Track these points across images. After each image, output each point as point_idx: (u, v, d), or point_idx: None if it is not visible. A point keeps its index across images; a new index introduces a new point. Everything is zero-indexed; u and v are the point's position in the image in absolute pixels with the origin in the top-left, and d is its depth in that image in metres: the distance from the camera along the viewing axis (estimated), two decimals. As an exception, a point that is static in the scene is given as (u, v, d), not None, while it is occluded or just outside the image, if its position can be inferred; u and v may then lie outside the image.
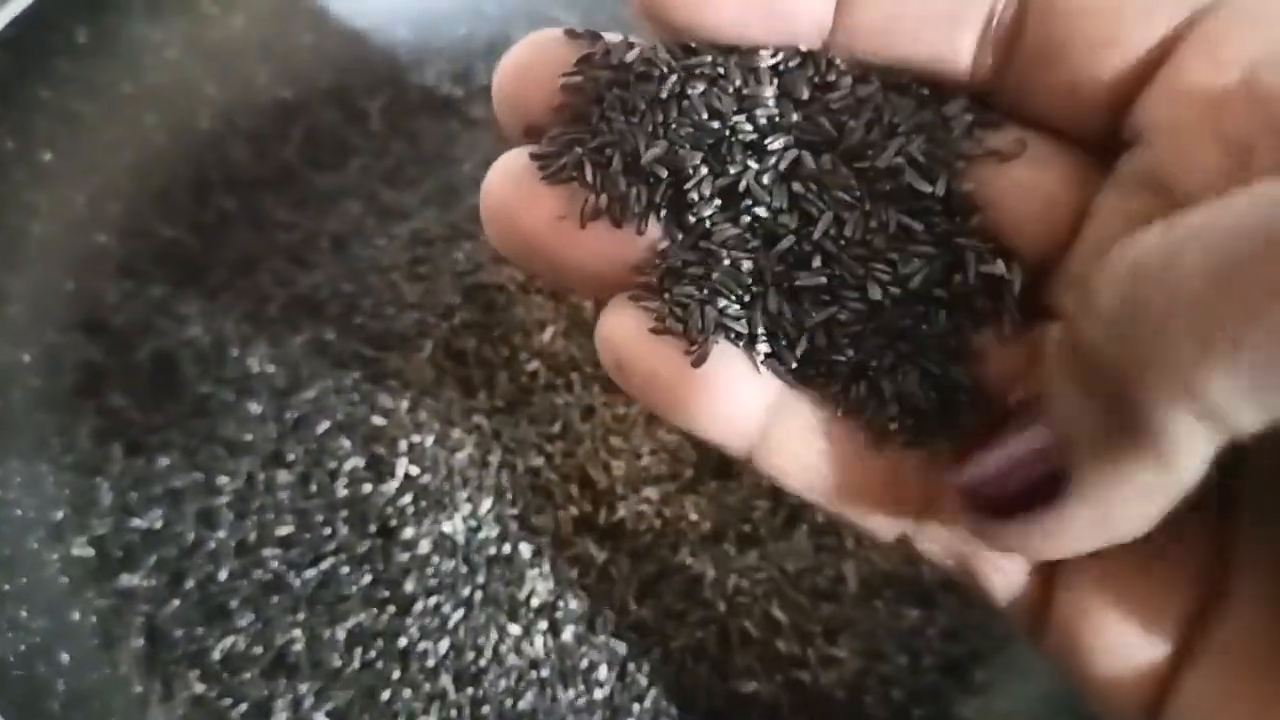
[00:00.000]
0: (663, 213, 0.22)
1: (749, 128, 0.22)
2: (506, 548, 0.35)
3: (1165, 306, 0.15)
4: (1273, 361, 0.14)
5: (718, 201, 0.22)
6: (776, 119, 0.22)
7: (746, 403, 0.21)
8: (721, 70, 0.22)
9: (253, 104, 0.45)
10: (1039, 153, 0.21)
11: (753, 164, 0.22)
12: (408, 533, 0.35)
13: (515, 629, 0.34)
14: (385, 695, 0.33)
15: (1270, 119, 0.17)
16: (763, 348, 0.22)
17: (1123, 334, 0.16)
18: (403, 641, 0.34)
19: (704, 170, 0.21)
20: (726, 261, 0.21)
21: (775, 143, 0.22)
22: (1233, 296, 0.14)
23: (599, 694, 0.33)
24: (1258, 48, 0.18)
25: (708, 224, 0.22)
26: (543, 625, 0.34)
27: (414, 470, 0.36)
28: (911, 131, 0.22)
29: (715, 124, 0.22)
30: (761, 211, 0.22)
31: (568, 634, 0.34)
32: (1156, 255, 0.16)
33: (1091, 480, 0.17)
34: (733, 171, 0.21)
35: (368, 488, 0.35)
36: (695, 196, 0.21)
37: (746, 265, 0.21)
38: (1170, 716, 0.19)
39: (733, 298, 0.21)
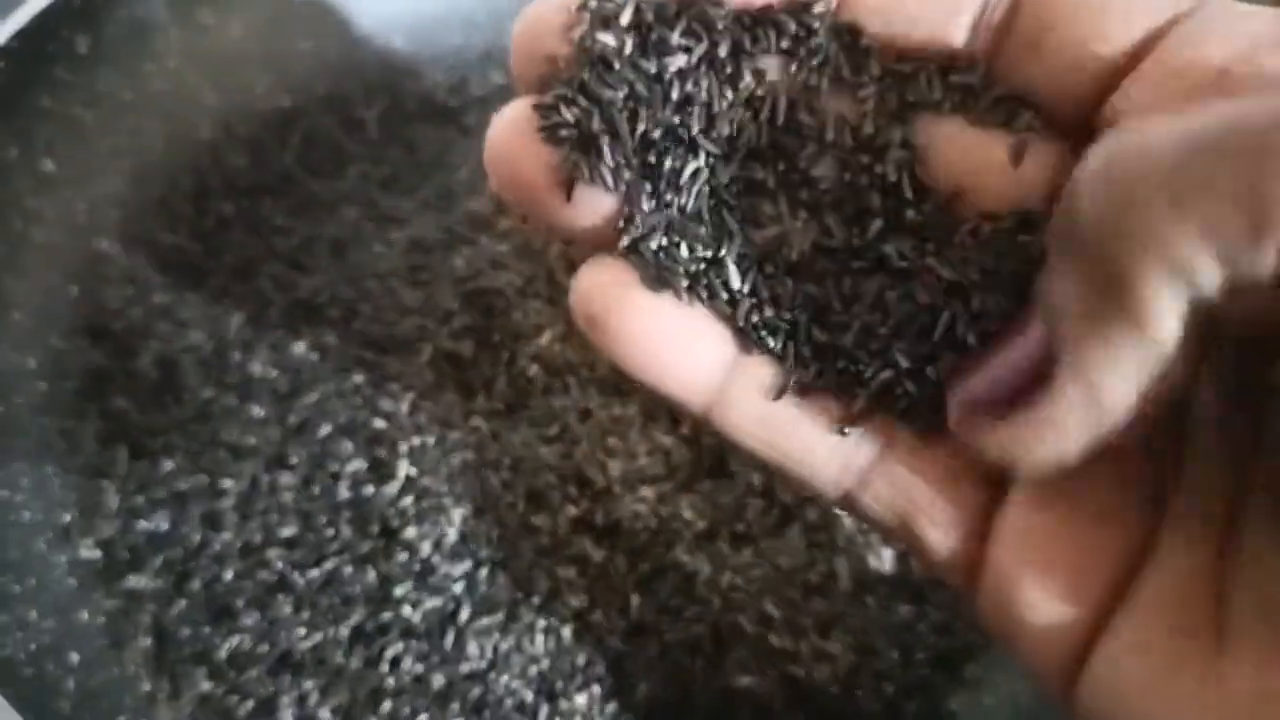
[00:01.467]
0: (643, 180, 0.22)
1: (731, 100, 0.22)
2: (507, 548, 0.35)
3: (1140, 176, 0.16)
4: (1224, 216, 0.15)
5: (696, 167, 0.22)
6: (766, 95, 0.22)
7: (706, 360, 0.22)
8: (719, 40, 0.22)
9: (251, 112, 0.45)
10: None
11: (733, 134, 0.22)
12: (409, 533, 0.35)
13: (516, 627, 0.34)
14: (388, 692, 0.34)
15: None
16: (741, 310, 0.22)
17: (1103, 210, 0.17)
18: (405, 640, 0.34)
19: (685, 139, 0.22)
20: (700, 226, 0.22)
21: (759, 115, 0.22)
22: (1196, 160, 0.16)
23: (598, 690, 0.34)
24: (1231, 46, 0.19)
25: (683, 190, 0.22)
26: (542, 623, 0.35)
27: (414, 472, 0.36)
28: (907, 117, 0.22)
29: (702, 96, 0.22)
30: (732, 185, 0.22)
31: (567, 631, 0.34)
32: (1133, 140, 0.17)
33: (1079, 356, 0.18)
34: (713, 142, 0.22)
35: (369, 489, 0.36)
36: (672, 165, 0.22)
37: (717, 227, 0.22)
38: (1088, 677, 0.19)
39: (700, 256, 0.22)
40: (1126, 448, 0.19)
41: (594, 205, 0.22)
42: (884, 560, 0.37)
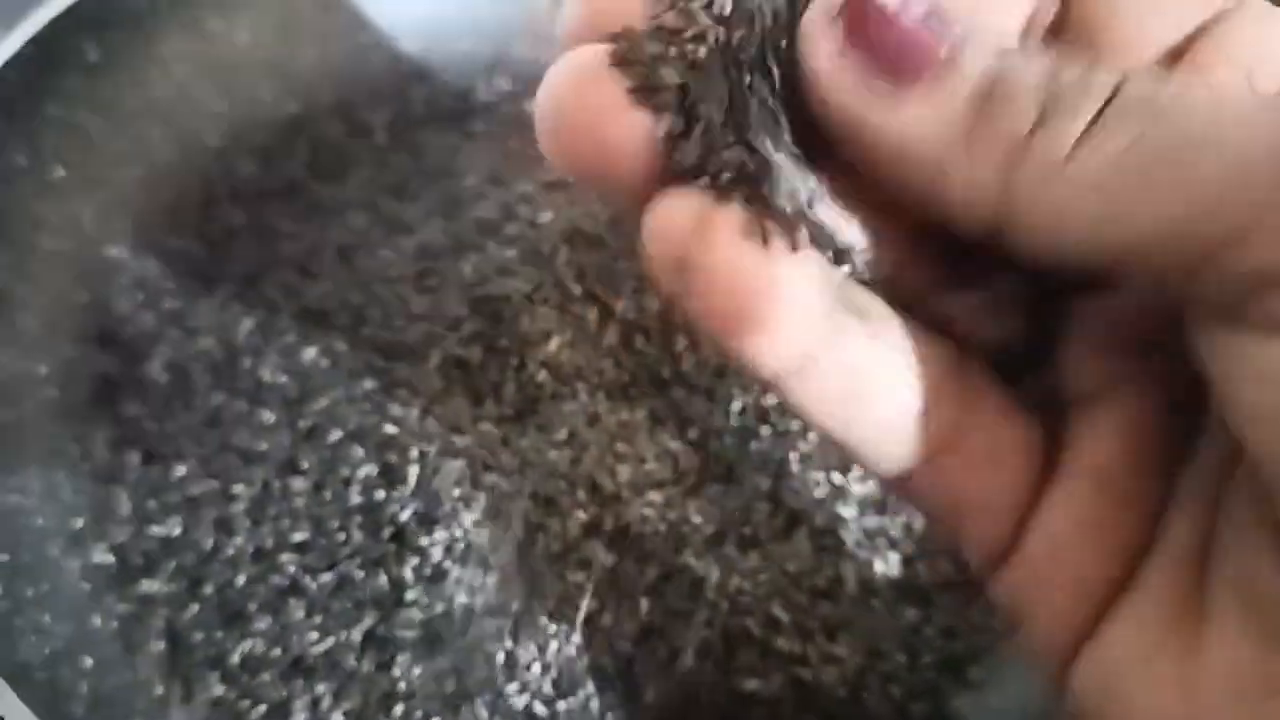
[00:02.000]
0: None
1: None
2: (517, 552, 0.36)
3: None
4: None
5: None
6: None
7: (808, 317, 0.20)
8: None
9: (258, 119, 0.45)
10: None
11: None
12: (420, 538, 0.36)
13: (527, 631, 0.35)
14: (400, 696, 0.34)
15: None
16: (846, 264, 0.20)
17: None
18: (417, 644, 0.35)
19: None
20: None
21: None
22: None
23: (608, 692, 0.34)
24: (1262, 46, 0.19)
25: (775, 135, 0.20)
26: (553, 627, 0.35)
27: (425, 477, 0.37)
28: None
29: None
30: None
31: (578, 635, 0.35)
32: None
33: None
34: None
35: (380, 494, 0.36)
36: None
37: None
38: (1080, 661, 0.20)
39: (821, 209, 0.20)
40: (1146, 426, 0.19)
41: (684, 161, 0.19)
42: (890, 564, 0.37)
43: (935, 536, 0.38)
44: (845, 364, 0.20)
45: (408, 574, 0.35)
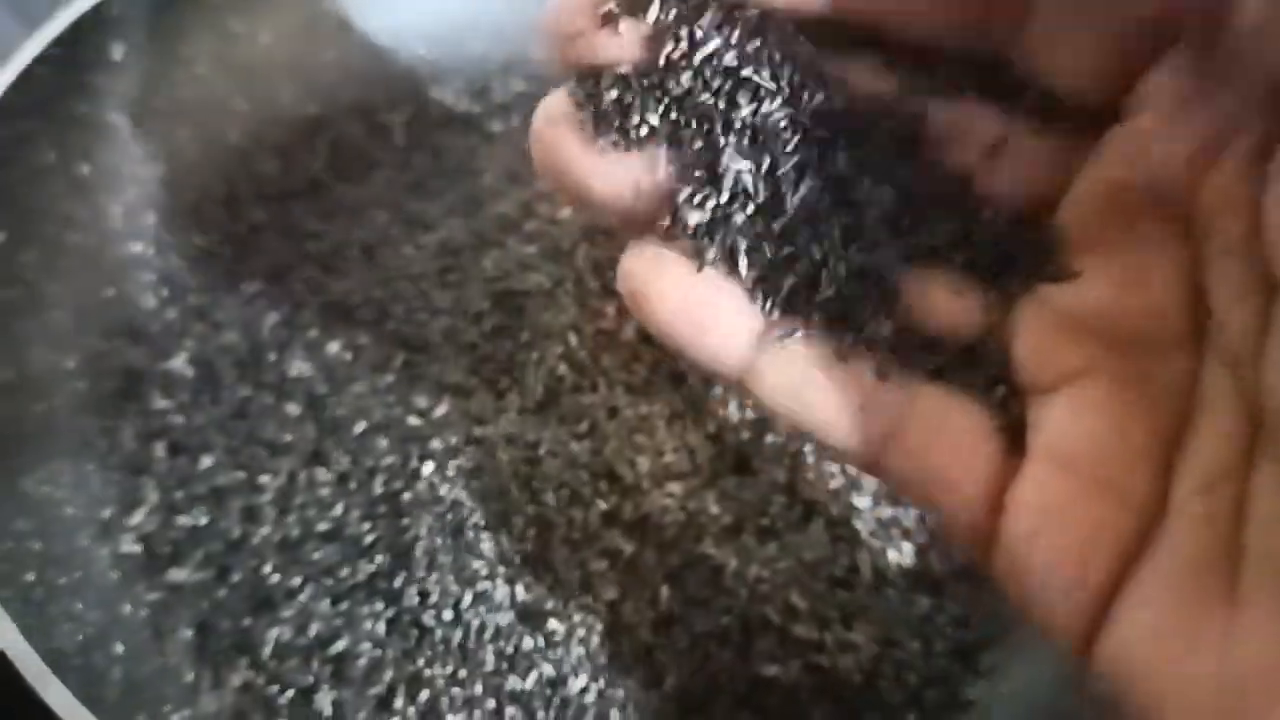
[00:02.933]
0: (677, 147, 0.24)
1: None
2: (539, 541, 0.36)
3: None
4: None
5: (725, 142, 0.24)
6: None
7: (738, 331, 0.24)
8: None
9: (280, 119, 0.46)
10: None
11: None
12: (445, 528, 0.36)
13: (549, 618, 0.35)
14: (424, 682, 0.35)
15: None
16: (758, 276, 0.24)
17: None
18: (441, 630, 0.35)
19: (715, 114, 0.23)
20: (737, 201, 0.24)
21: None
22: None
23: (630, 679, 0.35)
24: None
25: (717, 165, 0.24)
26: (575, 615, 0.36)
27: (448, 468, 0.37)
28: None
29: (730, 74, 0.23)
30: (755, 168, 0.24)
31: (600, 623, 0.35)
32: None
33: None
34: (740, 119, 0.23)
35: (403, 485, 0.37)
36: (700, 136, 0.24)
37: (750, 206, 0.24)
38: (1104, 638, 0.20)
39: (741, 234, 0.24)
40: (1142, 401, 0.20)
41: (625, 172, 0.24)
42: (904, 554, 0.38)
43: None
44: (785, 371, 0.24)
45: (430, 563, 0.36)
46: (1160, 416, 0.21)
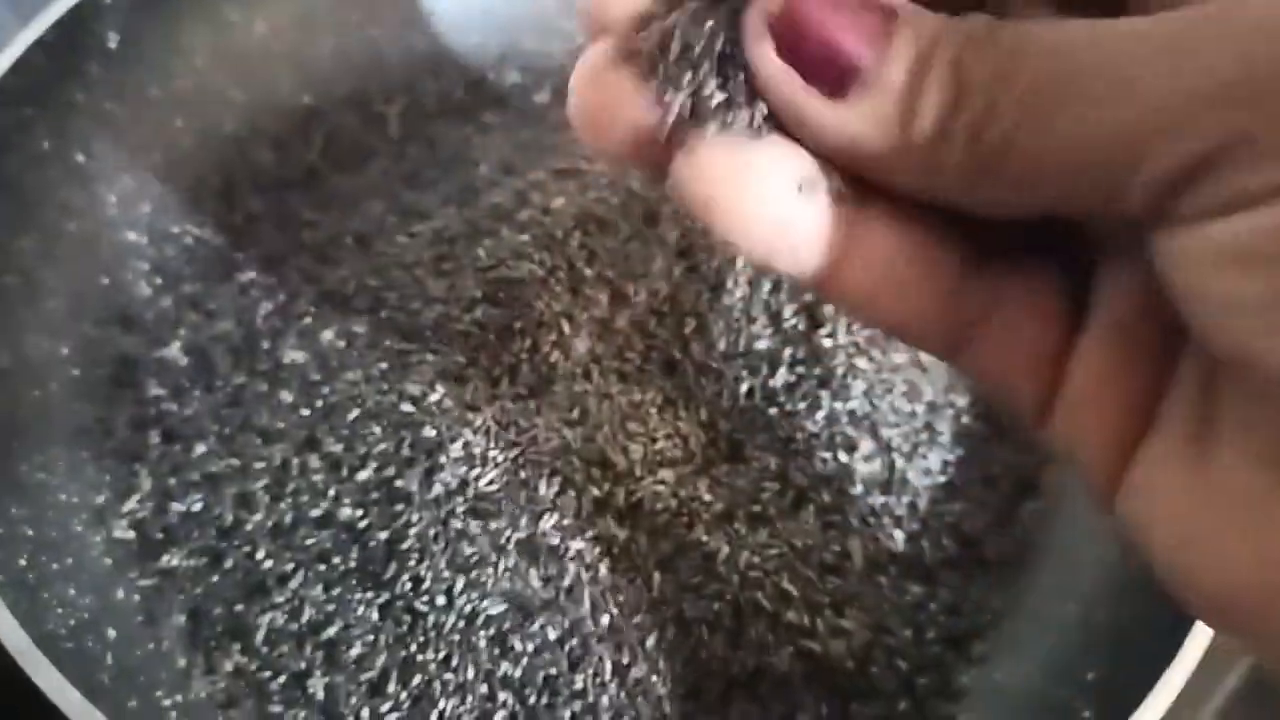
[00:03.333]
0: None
1: None
2: (532, 528, 0.36)
3: None
4: None
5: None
6: None
7: (816, 231, 0.22)
8: None
9: (275, 108, 0.46)
10: None
11: None
12: (435, 513, 0.36)
13: (541, 605, 0.35)
14: (417, 668, 0.35)
15: None
16: None
17: None
18: (433, 616, 0.35)
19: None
20: None
21: None
22: None
23: (621, 665, 0.35)
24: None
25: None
26: (568, 602, 0.36)
27: (440, 455, 0.37)
28: None
29: None
30: None
31: (591, 608, 0.36)
32: None
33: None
34: None
35: (396, 471, 0.37)
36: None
37: None
38: (1120, 490, 0.21)
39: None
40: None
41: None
42: (896, 541, 0.38)
43: (939, 512, 0.38)
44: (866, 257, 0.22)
45: (423, 549, 0.36)
46: None
